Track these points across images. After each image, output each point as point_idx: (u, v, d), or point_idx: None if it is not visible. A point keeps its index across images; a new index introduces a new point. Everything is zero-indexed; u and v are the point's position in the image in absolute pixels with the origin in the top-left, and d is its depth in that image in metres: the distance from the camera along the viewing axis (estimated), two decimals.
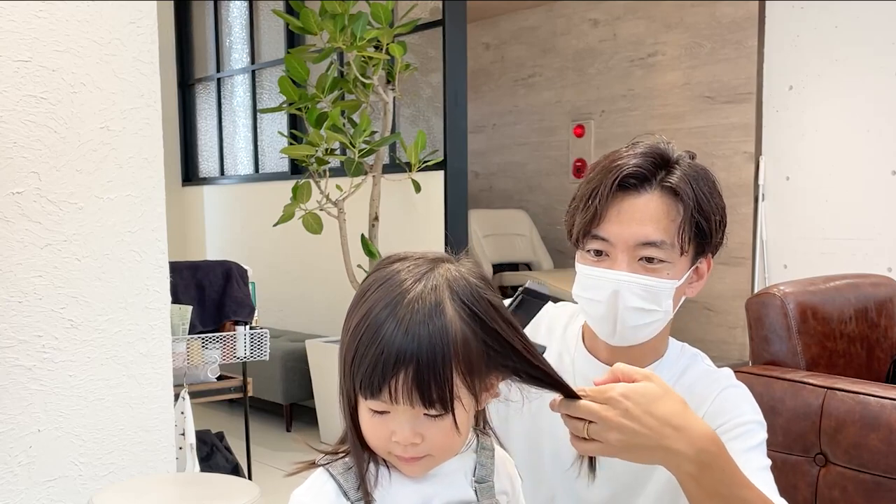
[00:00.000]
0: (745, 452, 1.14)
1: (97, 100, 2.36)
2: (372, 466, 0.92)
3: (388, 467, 0.93)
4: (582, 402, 1.01)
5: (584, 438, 1.02)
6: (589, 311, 1.24)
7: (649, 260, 1.18)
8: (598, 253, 1.20)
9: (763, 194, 4.69)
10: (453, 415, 0.88)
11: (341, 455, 0.95)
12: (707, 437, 1.02)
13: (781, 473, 1.90)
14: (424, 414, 0.87)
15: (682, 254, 1.19)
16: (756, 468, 1.13)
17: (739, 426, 1.18)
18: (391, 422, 0.88)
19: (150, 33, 2.46)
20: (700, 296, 5.02)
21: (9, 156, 2.22)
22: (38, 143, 2.27)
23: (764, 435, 1.20)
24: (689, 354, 1.31)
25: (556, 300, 1.04)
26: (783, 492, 1.13)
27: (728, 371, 1.29)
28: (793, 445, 1.92)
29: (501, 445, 1.03)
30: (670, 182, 1.18)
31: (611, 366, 1.22)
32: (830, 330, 2.15)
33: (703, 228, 1.19)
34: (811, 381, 1.93)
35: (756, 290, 4.12)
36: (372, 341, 0.86)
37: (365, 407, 0.89)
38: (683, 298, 1.25)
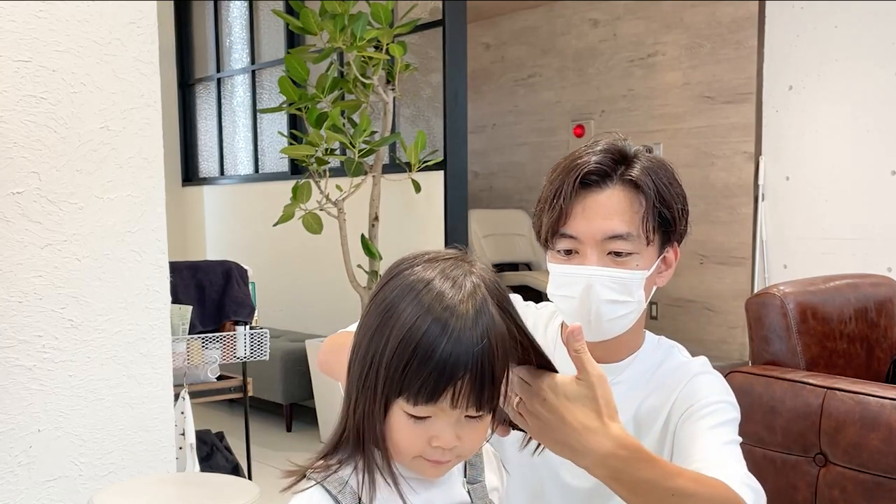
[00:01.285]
0: (711, 429, 1.15)
1: (97, 100, 2.36)
2: (377, 476, 0.91)
3: (383, 476, 0.91)
4: (522, 375, 1.00)
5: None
6: (564, 308, 1.26)
7: (618, 254, 1.20)
8: (568, 252, 1.23)
9: (763, 194, 4.69)
10: (493, 414, 0.89)
11: (334, 469, 0.92)
12: (618, 441, 0.97)
13: (781, 473, 1.90)
14: (466, 416, 0.87)
15: (648, 244, 1.21)
16: (722, 443, 1.14)
17: (707, 406, 1.19)
18: (433, 427, 0.87)
19: (150, 33, 2.46)
20: (700, 296, 5.05)
21: (9, 156, 2.22)
22: (38, 143, 2.27)
23: (735, 414, 1.21)
24: (665, 347, 1.32)
25: None
26: (783, 491, 1.13)
27: (703, 359, 1.30)
28: (793, 445, 1.91)
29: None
30: (631, 175, 1.21)
31: None
32: (830, 330, 2.15)
33: (667, 217, 1.22)
34: (811, 381, 1.93)
35: (756, 290, 4.12)
36: (429, 354, 0.84)
37: (401, 413, 0.87)
38: (654, 288, 1.28)
